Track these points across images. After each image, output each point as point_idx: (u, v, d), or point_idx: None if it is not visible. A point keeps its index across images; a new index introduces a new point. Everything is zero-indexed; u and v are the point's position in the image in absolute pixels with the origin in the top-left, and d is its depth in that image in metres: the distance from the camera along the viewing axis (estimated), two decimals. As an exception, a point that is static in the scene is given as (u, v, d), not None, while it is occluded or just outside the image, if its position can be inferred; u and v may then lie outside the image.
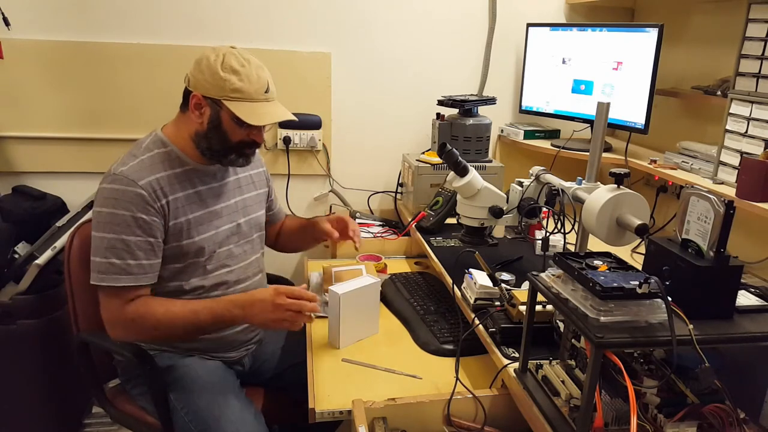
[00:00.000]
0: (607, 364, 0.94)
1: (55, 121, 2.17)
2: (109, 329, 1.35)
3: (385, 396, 1.19)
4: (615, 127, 2.09)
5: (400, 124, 2.40)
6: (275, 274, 1.85)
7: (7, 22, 1.99)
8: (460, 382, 1.22)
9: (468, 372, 1.34)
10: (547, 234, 1.44)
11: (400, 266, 1.98)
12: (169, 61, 2.14)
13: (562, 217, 1.39)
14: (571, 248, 1.46)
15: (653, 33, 1.83)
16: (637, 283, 0.86)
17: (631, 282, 0.86)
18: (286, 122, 2.24)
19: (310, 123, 2.30)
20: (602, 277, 0.88)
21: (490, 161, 2.16)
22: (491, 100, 2.21)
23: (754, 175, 1.43)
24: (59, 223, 1.89)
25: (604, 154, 1.92)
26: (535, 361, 1.12)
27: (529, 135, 2.31)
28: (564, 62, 2.16)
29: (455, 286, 1.48)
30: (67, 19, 2.10)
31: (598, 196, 1.22)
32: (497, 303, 1.35)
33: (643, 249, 1.60)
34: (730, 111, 1.55)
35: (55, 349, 1.91)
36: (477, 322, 1.33)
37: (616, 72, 1.99)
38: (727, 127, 1.56)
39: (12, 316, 1.83)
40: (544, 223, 1.54)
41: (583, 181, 1.38)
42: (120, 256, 1.29)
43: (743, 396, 0.96)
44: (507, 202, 1.56)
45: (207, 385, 1.38)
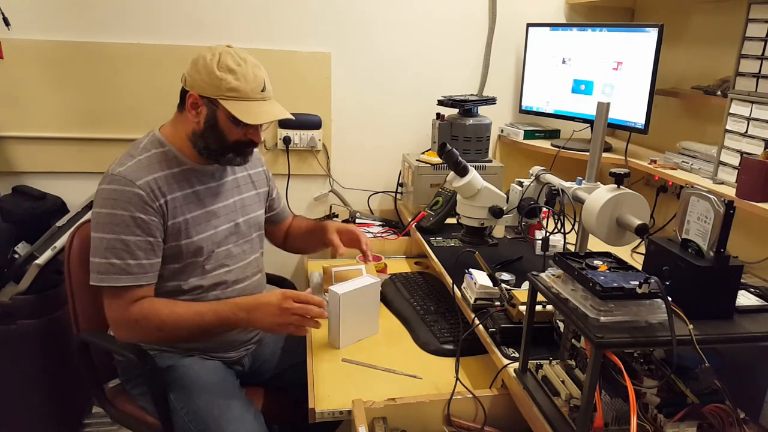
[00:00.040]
0: (607, 364, 0.94)
1: (55, 121, 2.17)
2: (114, 330, 1.36)
3: (385, 396, 1.19)
4: (615, 127, 2.10)
5: (400, 124, 2.40)
6: (275, 274, 1.84)
7: (7, 22, 1.99)
8: (460, 382, 1.22)
9: (468, 372, 1.34)
10: (547, 234, 1.44)
11: (400, 266, 1.98)
12: (169, 61, 2.14)
13: (562, 217, 1.39)
14: (571, 248, 1.46)
15: (653, 33, 1.83)
16: (637, 283, 0.86)
17: (631, 282, 0.86)
18: (286, 122, 2.24)
19: (310, 123, 2.30)
20: (602, 277, 0.88)
21: (490, 161, 2.16)
22: (491, 100, 2.21)
23: (754, 175, 1.43)
24: (59, 223, 1.89)
25: (604, 154, 1.92)
26: (535, 361, 1.12)
27: (529, 135, 2.31)
28: (564, 62, 2.16)
29: (455, 286, 1.48)
30: (67, 19, 2.10)
31: (598, 196, 1.22)
32: (497, 303, 1.35)
33: (643, 249, 1.60)
34: (730, 111, 1.55)
35: (55, 349, 1.91)
36: (477, 322, 1.33)
37: (616, 72, 1.98)
38: (727, 127, 1.56)
39: (12, 316, 1.83)
40: (544, 223, 1.54)
41: (583, 181, 1.38)
42: (120, 256, 1.29)
43: (743, 396, 0.96)
44: (507, 202, 1.56)
45: (207, 385, 1.38)
